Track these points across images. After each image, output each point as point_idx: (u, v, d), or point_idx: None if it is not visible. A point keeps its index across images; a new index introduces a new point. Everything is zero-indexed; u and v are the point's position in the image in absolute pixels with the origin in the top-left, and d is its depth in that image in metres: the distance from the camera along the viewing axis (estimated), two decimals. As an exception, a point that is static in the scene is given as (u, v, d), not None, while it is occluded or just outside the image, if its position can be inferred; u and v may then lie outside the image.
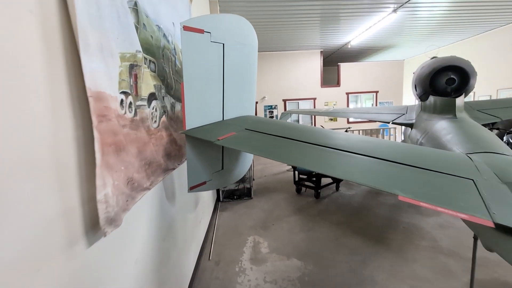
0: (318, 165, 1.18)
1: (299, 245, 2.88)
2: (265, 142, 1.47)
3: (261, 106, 9.84)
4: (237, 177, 2.25)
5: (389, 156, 1.23)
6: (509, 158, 1.25)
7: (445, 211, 0.84)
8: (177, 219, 2.05)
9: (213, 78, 1.71)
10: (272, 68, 9.65)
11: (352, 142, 1.44)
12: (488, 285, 2.07)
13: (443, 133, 2.07)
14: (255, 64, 2.13)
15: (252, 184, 4.55)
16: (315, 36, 7.92)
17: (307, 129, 1.70)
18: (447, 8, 5.95)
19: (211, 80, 1.70)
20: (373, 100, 10.61)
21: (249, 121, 1.90)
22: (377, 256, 2.58)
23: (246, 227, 3.42)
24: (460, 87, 2.73)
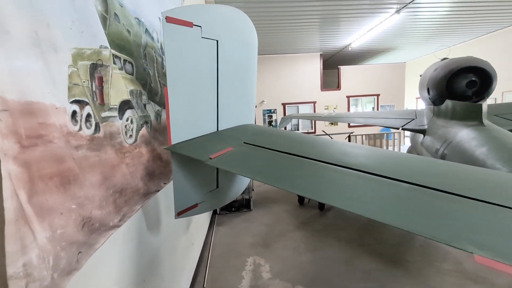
0: (345, 198, 0.88)
1: (305, 269, 2.55)
2: (269, 161, 1.16)
3: (260, 110, 9.57)
4: (235, 195, 1.94)
5: (434, 181, 0.93)
6: None
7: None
8: (164, 249, 1.72)
9: (204, 81, 1.41)
10: (271, 72, 9.40)
11: (380, 160, 1.14)
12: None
13: (474, 144, 1.78)
14: (254, 65, 1.84)
15: (251, 195, 4.23)
16: (314, 39, 7.69)
17: (323, 142, 1.39)
18: (449, 9, 5.73)
19: (202, 83, 1.40)
20: (374, 103, 10.37)
21: (249, 132, 1.60)
22: (396, 282, 2.26)
23: (246, 245, 3.10)
24: (481, 90, 2.46)
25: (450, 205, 0.80)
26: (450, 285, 2.18)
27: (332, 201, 0.87)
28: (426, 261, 2.54)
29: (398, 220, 0.76)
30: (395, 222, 0.75)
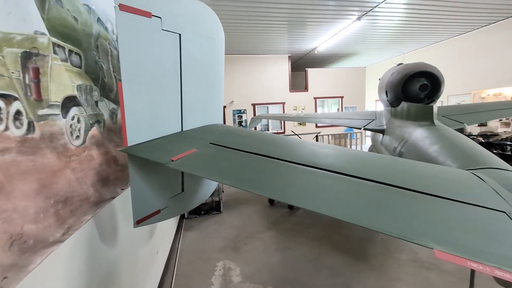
0: (312, 198, 0.86)
1: (276, 269, 2.55)
2: (236, 163, 1.10)
3: (229, 110, 9.46)
4: (203, 198, 1.84)
5: (398, 179, 0.96)
6: (520, 177, 1.08)
7: (506, 277, 0.58)
8: (122, 261, 1.56)
9: (166, 77, 1.30)
10: (241, 72, 9.36)
11: (348, 160, 1.16)
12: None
13: (427, 142, 1.93)
14: (221, 63, 1.77)
15: (221, 197, 4.13)
16: (283, 41, 7.84)
17: (292, 143, 1.37)
18: (404, 19, 6.28)
19: (163, 79, 1.29)
20: (339, 105, 10.94)
21: (216, 132, 1.53)
22: (360, 276, 2.37)
23: (215, 249, 3.00)
24: (432, 93, 2.70)
25: (410, 202, 0.83)
26: (407, 275, 2.35)
27: (299, 202, 0.85)
28: (386, 254, 2.71)
29: (364, 219, 0.76)
30: (361, 222, 0.75)
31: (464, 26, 6.75)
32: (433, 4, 5.40)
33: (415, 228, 0.71)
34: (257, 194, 0.91)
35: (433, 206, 0.81)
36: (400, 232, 0.69)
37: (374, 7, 5.49)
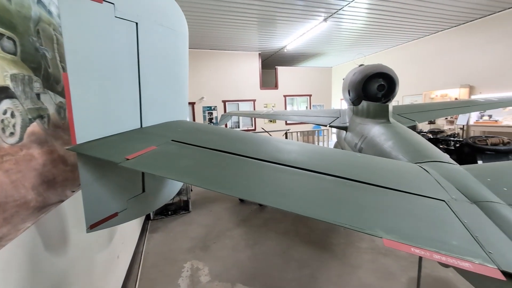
0: (275, 195, 0.86)
1: (245, 266, 2.55)
2: (200, 160, 1.06)
3: (199, 107, 9.21)
4: (167, 198, 1.76)
5: (354, 173, 1.01)
6: (459, 168, 1.21)
7: (442, 259, 0.63)
8: (74, 271, 1.43)
9: (121, 69, 1.20)
10: (211, 67, 9.16)
11: (311, 155, 1.19)
12: (424, 280, 2.18)
13: (383, 138, 2.08)
14: (185, 56, 1.70)
15: (189, 196, 4.01)
16: (253, 38, 7.84)
17: (258, 139, 1.37)
18: (365, 24, 6.68)
19: (118, 71, 1.19)
20: (307, 103, 11.31)
21: (180, 128, 1.47)
22: (325, 266, 2.48)
23: (183, 250, 2.91)
24: (388, 93, 2.92)
25: (364, 194, 0.88)
26: (366, 261, 2.53)
27: (261, 198, 0.85)
28: (348, 243, 2.88)
29: (320, 213, 0.78)
30: (318, 215, 0.77)
31: (417, 32, 7.41)
32: (391, 11, 5.83)
33: (367, 219, 0.75)
34: (219, 192, 0.88)
35: (383, 198, 0.87)
36: (353, 223, 0.73)
37: (339, 9, 5.74)
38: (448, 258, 0.63)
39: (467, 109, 4.15)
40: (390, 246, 0.66)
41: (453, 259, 0.63)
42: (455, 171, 1.16)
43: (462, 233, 0.74)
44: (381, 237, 0.68)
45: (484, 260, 0.64)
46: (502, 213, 0.83)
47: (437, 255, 0.63)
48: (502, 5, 5.61)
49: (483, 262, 0.63)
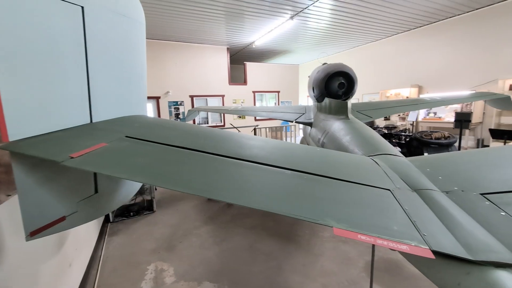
0: (234, 191, 0.85)
1: (212, 263, 2.53)
2: (156, 157, 1.01)
3: (164, 102, 8.79)
4: (125, 199, 1.65)
5: (311, 166, 1.05)
6: (404, 160, 1.33)
7: (384, 244, 0.69)
8: (12, 285, 1.27)
9: (64, 58, 1.08)
10: (177, 60, 8.77)
11: (272, 150, 1.21)
12: (377, 263, 2.39)
13: (342, 133, 2.20)
14: (142, 47, 1.59)
15: (153, 195, 3.83)
16: (221, 32, 7.68)
17: (220, 135, 1.34)
18: (329, 24, 6.97)
19: (61, 59, 1.08)
20: (276, 99, 11.50)
21: (136, 124, 1.38)
22: (290, 257, 2.57)
23: (146, 252, 2.77)
24: (347, 90, 3.09)
25: (319, 186, 0.91)
26: (328, 249, 2.69)
27: (221, 195, 0.84)
28: (312, 233, 3.03)
29: (279, 207, 0.79)
30: (277, 209, 0.78)
31: (375, 35, 7.95)
32: (352, 13, 6.16)
33: (320, 210, 0.78)
34: (177, 191, 0.85)
35: (336, 189, 0.92)
36: (307, 215, 0.75)
37: (304, 8, 5.90)
38: (389, 242, 0.69)
39: (416, 107, 4.60)
40: (339, 234, 0.70)
41: (393, 242, 0.69)
42: (401, 163, 1.27)
43: (402, 218, 0.81)
44: (332, 226, 0.72)
45: (419, 242, 0.71)
46: (437, 199, 0.93)
47: (380, 240, 0.69)
48: (446, 14, 6.29)
49: (418, 244, 0.70)
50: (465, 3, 5.63)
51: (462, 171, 1.10)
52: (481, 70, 5.96)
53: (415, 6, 5.79)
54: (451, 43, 6.51)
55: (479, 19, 5.93)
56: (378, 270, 2.30)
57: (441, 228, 0.78)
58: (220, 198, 0.81)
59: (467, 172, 1.08)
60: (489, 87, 5.72)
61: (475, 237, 0.73)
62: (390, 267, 2.36)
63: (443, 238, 0.73)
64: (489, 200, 0.89)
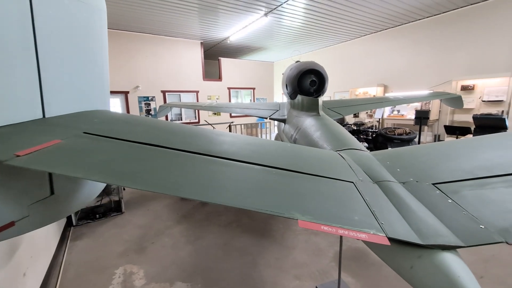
0: (202, 188, 0.83)
1: (185, 262, 2.47)
2: (118, 155, 0.95)
3: (134, 97, 8.34)
4: (86, 200, 1.54)
5: (279, 161, 1.06)
6: (367, 154, 1.41)
7: (345, 234, 0.72)
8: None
9: (7, 45, 0.97)
10: (147, 54, 8.34)
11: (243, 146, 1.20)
12: (345, 253, 2.52)
13: (313, 129, 2.27)
14: (103, 36, 1.48)
15: (122, 196, 3.63)
16: (194, 25, 7.45)
17: (190, 131, 1.30)
18: (303, 22, 7.11)
19: (3, 47, 0.96)
20: (251, 96, 11.51)
21: (96, 119, 1.29)
22: (265, 252, 2.61)
23: (114, 255, 2.63)
24: (318, 88, 3.19)
25: (286, 181, 0.93)
26: (301, 242, 2.77)
27: (188, 193, 0.81)
28: (286, 227, 3.10)
29: (247, 202, 0.79)
30: (245, 205, 0.78)
31: (345, 35, 8.29)
32: (324, 13, 6.34)
33: (287, 204, 0.80)
34: (140, 189, 0.81)
35: (303, 183, 0.94)
36: (274, 209, 0.76)
37: (278, 6, 5.94)
38: (349, 231, 0.72)
39: (381, 105, 4.89)
40: (304, 226, 0.72)
41: (354, 232, 0.72)
42: (364, 157, 1.34)
43: (363, 209, 0.86)
44: (297, 219, 0.74)
45: (377, 230, 0.76)
46: (395, 190, 1.00)
47: (341, 230, 0.72)
48: (408, 18, 6.74)
49: (376, 232, 0.74)
50: (424, 8, 6.09)
51: (418, 163, 1.19)
52: (438, 72, 6.51)
53: (381, 9, 6.13)
54: (413, 45, 7.02)
55: (437, 24, 6.46)
56: (346, 259, 2.43)
57: (397, 217, 0.84)
58: (186, 195, 0.79)
59: (421, 164, 1.17)
60: (444, 87, 6.28)
61: (426, 223, 0.80)
62: (357, 255, 2.50)
63: (398, 226, 0.79)
64: (439, 189, 0.98)
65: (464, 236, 0.75)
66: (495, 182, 0.97)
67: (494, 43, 5.49)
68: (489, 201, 0.88)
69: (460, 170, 1.07)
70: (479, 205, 0.86)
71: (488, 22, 5.56)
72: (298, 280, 2.19)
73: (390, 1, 5.69)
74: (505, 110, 5.36)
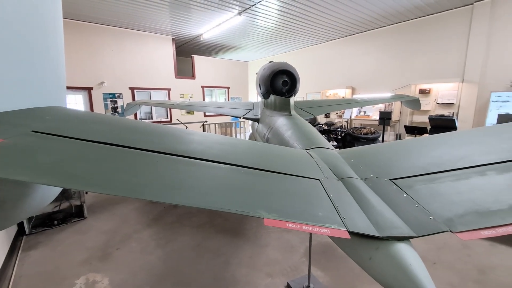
0: (166, 189, 0.80)
1: (155, 267, 2.37)
2: (72, 156, 0.87)
3: (99, 93, 7.79)
4: (38, 206, 1.40)
5: (248, 160, 1.06)
6: (333, 152, 1.47)
7: (309, 230, 0.74)
8: None
9: None
10: (113, 47, 7.84)
11: (212, 145, 1.18)
12: (315, 248, 2.61)
13: (284, 129, 2.31)
14: (58, 25, 1.36)
15: (84, 200, 3.37)
16: (165, 20, 7.17)
17: (160, 130, 1.24)
18: (276, 23, 7.21)
19: None
20: (226, 95, 11.41)
21: (49, 116, 1.17)
22: (238, 251, 2.60)
23: (74, 264, 2.43)
24: (291, 88, 3.26)
25: (254, 179, 0.93)
26: (273, 239, 2.81)
27: (149, 195, 0.77)
28: (259, 226, 3.12)
29: (213, 202, 0.78)
30: (211, 205, 0.76)
31: (317, 38, 8.57)
32: (297, 16, 6.49)
33: (253, 202, 0.80)
34: (97, 192, 0.75)
35: (270, 181, 0.95)
36: (241, 208, 0.76)
37: (252, 5, 5.95)
38: (313, 227, 0.74)
39: (349, 106, 5.15)
40: (270, 224, 0.72)
41: (317, 227, 0.75)
42: (331, 155, 1.40)
43: (327, 205, 0.89)
44: (263, 217, 0.74)
45: (339, 225, 0.79)
46: (357, 186, 1.05)
47: (305, 226, 0.74)
48: (374, 25, 7.18)
49: (338, 227, 0.78)
50: (388, 16, 6.53)
51: (378, 161, 1.27)
52: (399, 76, 7.03)
53: (350, 15, 6.45)
54: (377, 51, 7.49)
55: (398, 32, 6.97)
56: (316, 253, 2.52)
57: (358, 211, 0.89)
58: (148, 197, 0.75)
59: (381, 162, 1.25)
60: (405, 90, 6.80)
61: (383, 217, 0.85)
62: (326, 249, 2.60)
63: (358, 220, 0.83)
64: (396, 184, 1.05)
65: (416, 227, 0.81)
66: (444, 177, 1.07)
67: (446, 51, 6.07)
68: (437, 194, 0.96)
69: (414, 166, 1.16)
70: (429, 198, 0.94)
71: (441, 32, 6.14)
72: (270, 278, 2.22)
73: (357, 8, 6.01)
74: (455, 112, 5.96)
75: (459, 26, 5.82)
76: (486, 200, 0.87)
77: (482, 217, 0.81)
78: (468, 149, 1.23)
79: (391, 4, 5.80)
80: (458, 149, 1.26)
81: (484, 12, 5.38)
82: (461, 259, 2.42)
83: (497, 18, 5.29)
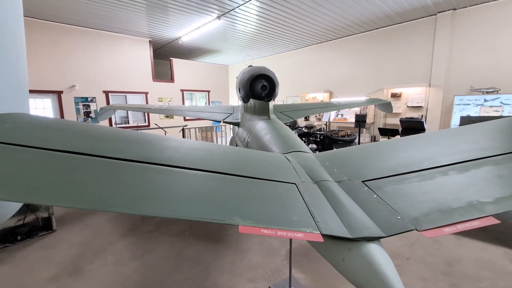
0: (134, 200, 0.76)
1: (131, 280, 2.26)
2: (31, 167, 0.81)
3: (70, 97, 7.36)
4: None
5: (224, 166, 1.05)
6: (310, 156, 1.50)
7: (284, 235, 0.75)
8: None
9: None
10: (85, 49, 7.46)
11: (186, 151, 1.15)
12: (296, 250, 2.63)
13: (263, 133, 2.32)
14: (18, 26, 1.27)
15: (52, 211, 3.14)
16: (141, 22, 6.97)
17: (131, 137, 1.19)
18: (255, 28, 7.29)
19: None
20: (206, 98, 11.28)
21: (8, 124, 1.09)
22: (219, 257, 2.56)
23: (41, 282, 2.24)
24: (269, 93, 3.29)
25: (229, 186, 0.93)
26: (255, 244, 2.80)
27: (119, 207, 0.74)
28: (241, 231, 3.09)
29: (187, 212, 0.76)
30: (184, 215, 0.74)
31: (295, 43, 8.77)
32: (275, 21, 6.60)
33: (228, 210, 0.79)
34: (58, 206, 0.70)
35: (246, 187, 0.95)
36: (215, 216, 0.75)
37: (231, 10, 5.97)
38: (288, 232, 0.75)
39: (327, 109, 5.30)
40: (244, 231, 0.72)
41: (292, 232, 0.76)
42: (308, 158, 1.43)
43: (302, 209, 0.90)
44: (238, 224, 0.74)
45: (313, 228, 0.81)
46: (331, 189, 1.08)
47: (280, 232, 0.74)
48: (348, 32, 7.50)
49: (312, 230, 0.79)
50: (361, 24, 6.86)
51: (351, 163, 1.32)
52: (373, 80, 7.39)
53: (326, 22, 6.69)
54: (352, 56, 7.83)
55: (371, 39, 7.34)
56: (296, 256, 2.54)
57: (331, 214, 0.91)
58: (115, 209, 0.71)
59: (354, 164, 1.29)
60: (378, 94, 7.15)
61: (355, 218, 0.88)
62: (307, 251, 2.64)
63: (332, 222, 0.85)
64: (367, 185, 1.09)
65: (385, 227, 0.85)
66: (411, 177, 1.13)
67: (415, 57, 6.49)
68: (405, 194, 1.01)
69: (384, 168, 1.21)
70: (397, 198, 0.99)
71: (409, 39, 6.55)
72: (252, 283, 2.20)
73: (332, 15, 6.26)
74: (424, 114, 6.37)
75: (425, 34, 6.25)
76: (447, 199, 0.93)
77: (444, 214, 0.86)
78: (433, 150, 1.31)
79: (363, 13, 6.11)
80: (425, 150, 1.34)
81: (446, 22, 5.84)
82: (431, 253, 2.57)
83: (457, 27, 5.76)
